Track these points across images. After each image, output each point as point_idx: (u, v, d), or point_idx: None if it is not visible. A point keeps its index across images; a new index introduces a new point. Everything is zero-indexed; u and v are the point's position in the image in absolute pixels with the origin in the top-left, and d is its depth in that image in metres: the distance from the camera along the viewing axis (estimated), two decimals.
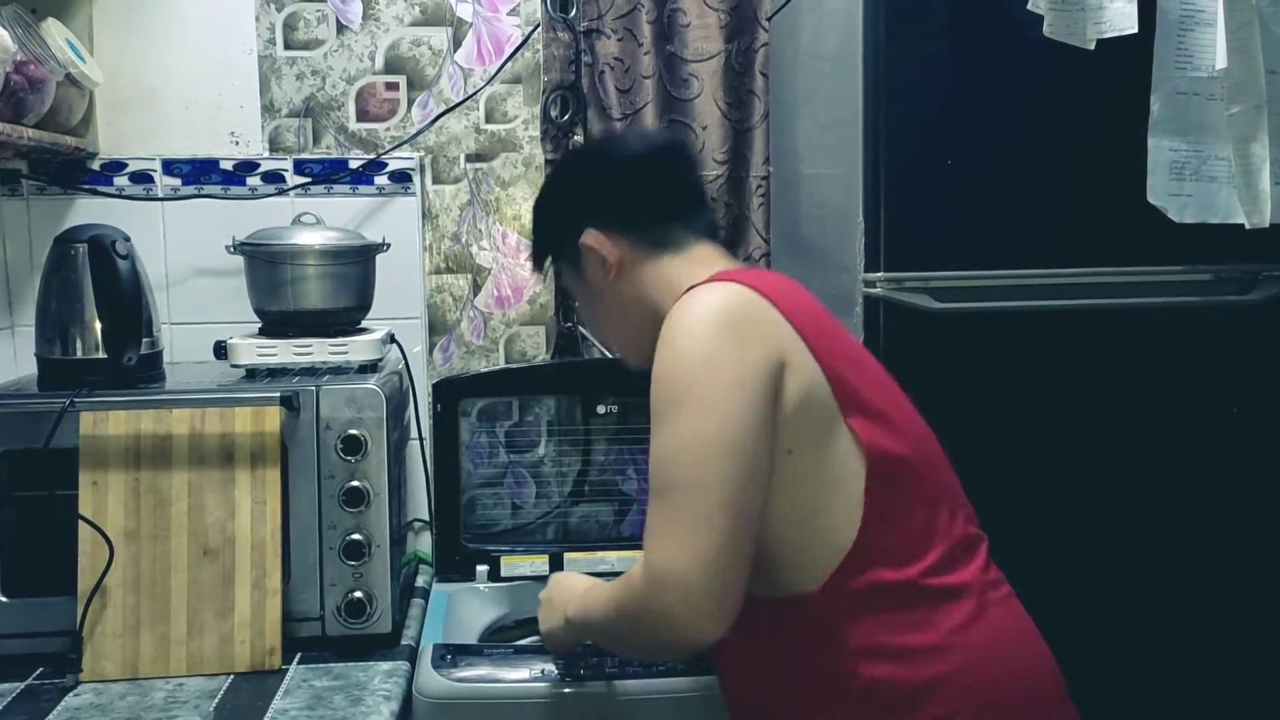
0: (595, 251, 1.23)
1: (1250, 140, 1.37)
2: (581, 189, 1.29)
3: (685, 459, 1.04)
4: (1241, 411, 1.46)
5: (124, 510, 1.43)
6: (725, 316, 1.09)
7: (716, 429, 1.03)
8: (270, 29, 1.90)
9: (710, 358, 1.06)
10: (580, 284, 1.29)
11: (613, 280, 1.23)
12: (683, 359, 1.07)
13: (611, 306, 1.27)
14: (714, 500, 1.02)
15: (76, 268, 1.55)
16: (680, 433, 1.05)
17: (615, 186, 1.26)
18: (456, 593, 1.74)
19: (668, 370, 1.08)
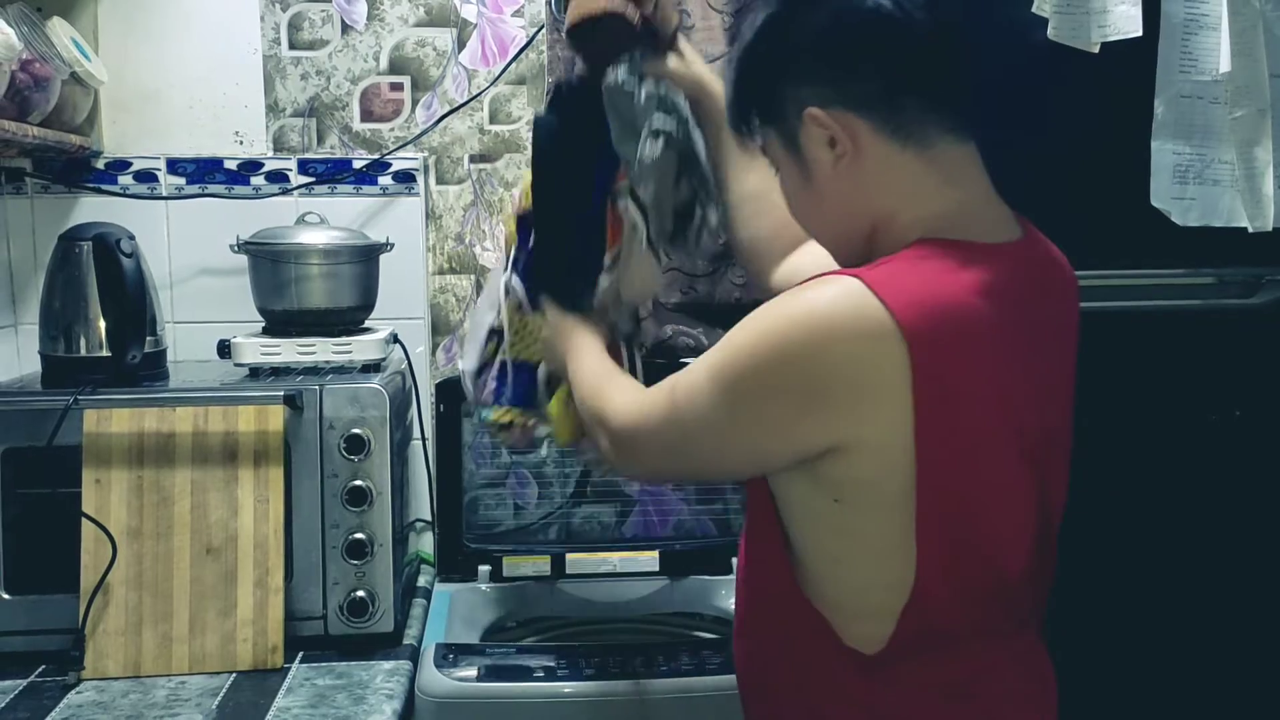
0: (825, 129, 0.98)
1: (1254, 144, 1.38)
2: (813, 46, 0.99)
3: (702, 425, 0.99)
4: (1244, 414, 1.46)
5: (127, 508, 1.43)
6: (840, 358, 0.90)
7: (737, 434, 0.97)
8: (275, 29, 1.90)
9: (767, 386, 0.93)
10: (788, 158, 1.03)
11: (840, 167, 0.99)
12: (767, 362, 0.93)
13: (826, 197, 1.02)
14: (695, 449, 1.02)
15: (81, 266, 1.55)
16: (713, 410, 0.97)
17: (861, 47, 0.97)
18: (458, 593, 1.75)
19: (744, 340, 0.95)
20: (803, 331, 0.90)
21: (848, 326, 0.89)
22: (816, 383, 0.90)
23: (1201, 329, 1.44)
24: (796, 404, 0.92)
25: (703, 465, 1.07)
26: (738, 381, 0.95)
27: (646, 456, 1.09)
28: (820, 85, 0.97)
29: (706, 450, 1.01)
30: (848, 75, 0.97)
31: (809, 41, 0.98)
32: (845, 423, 0.91)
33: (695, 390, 0.99)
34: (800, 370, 0.91)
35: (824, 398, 0.91)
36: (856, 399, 0.90)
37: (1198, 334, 1.45)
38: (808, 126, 0.98)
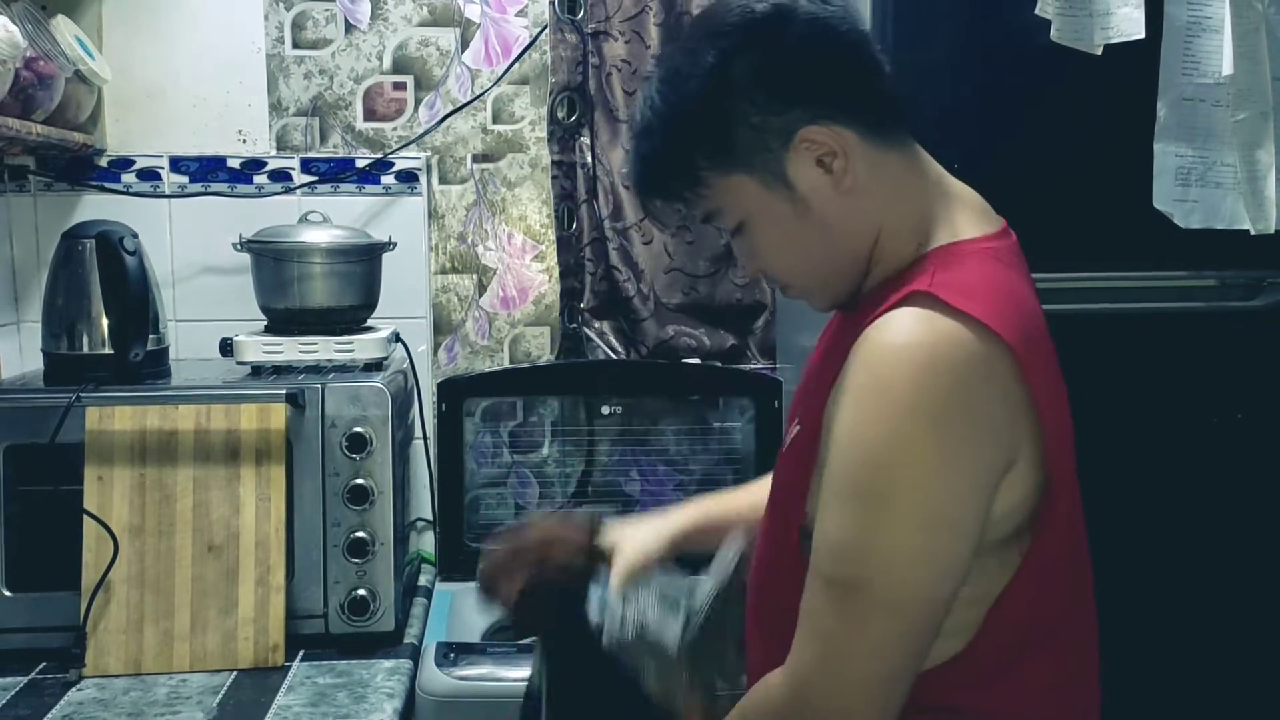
0: (819, 149, 0.91)
1: (1256, 146, 1.38)
2: (789, 68, 0.91)
3: (888, 569, 0.84)
4: (1246, 417, 1.46)
5: (129, 506, 1.43)
6: (966, 390, 0.83)
7: (935, 544, 0.84)
8: (279, 28, 1.91)
9: (942, 446, 0.83)
10: (765, 202, 0.93)
11: (836, 189, 0.92)
12: (904, 435, 0.83)
13: (822, 228, 0.93)
14: (908, 625, 0.85)
15: (84, 264, 1.55)
16: (885, 533, 0.84)
17: (838, 61, 0.93)
18: (459, 592, 1.74)
19: (879, 441, 0.84)
20: (947, 374, 0.83)
21: (978, 351, 0.84)
22: (987, 399, 0.84)
23: (1203, 331, 1.44)
24: (982, 434, 0.84)
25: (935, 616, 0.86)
26: (916, 474, 0.83)
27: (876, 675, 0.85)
28: (803, 105, 0.90)
29: (934, 595, 0.85)
30: (829, 89, 0.92)
31: (778, 65, 0.91)
32: (1013, 428, 0.86)
33: (870, 547, 0.84)
34: (968, 404, 0.84)
35: (997, 408, 0.85)
36: (1015, 403, 0.86)
37: (1199, 336, 1.45)
38: (797, 152, 0.91)
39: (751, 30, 0.92)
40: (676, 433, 1.93)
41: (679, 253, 1.95)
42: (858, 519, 0.85)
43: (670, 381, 1.93)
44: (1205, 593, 1.47)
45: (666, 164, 0.96)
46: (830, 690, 0.86)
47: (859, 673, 0.85)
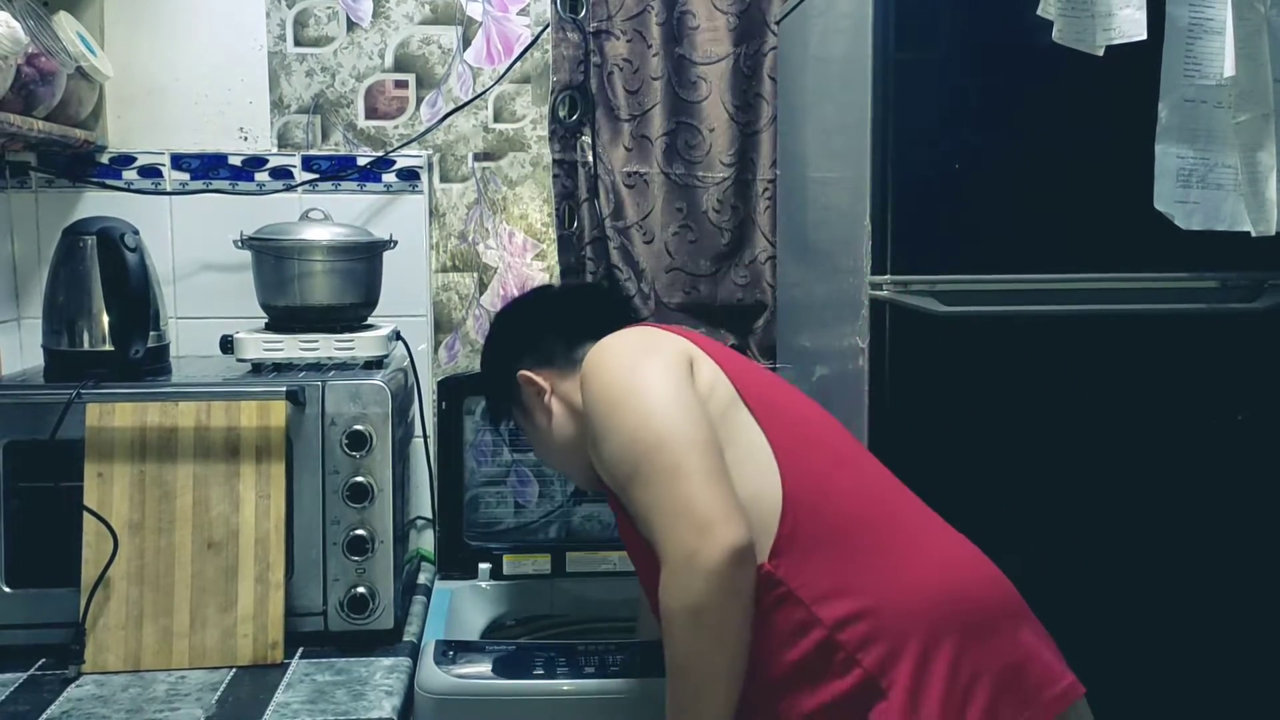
0: (532, 384, 1.38)
1: (1257, 148, 1.38)
2: (510, 337, 1.46)
3: (644, 430, 1.13)
4: (1247, 419, 1.46)
5: (129, 502, 1.43)
6: (637, 336, 1.28)
7: (657, 401, 1.15)
8: (280, 25, 1.91)
9: (635, 361, 1.21)
10: (527, 419, 1.43)
11: (545, 405, 1.37)
12: (612, 370, 1.21)
13: (551, 433, 1.38)
14: (685, 445, 1.11)
15: (85, 260, 1.55)
16: (626, 425, 1.15)
17: (534, 328, 1.43)
18: (459, 590, 1.75)
19: (601, 386, 1.21)
20: (618, 337, 1.29)
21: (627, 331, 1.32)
22: (651, 335, 1.29)
23: (1204, 333, 1.44)
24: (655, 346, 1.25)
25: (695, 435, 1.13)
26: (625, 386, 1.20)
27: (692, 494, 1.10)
28: (518, 358, 1.40)
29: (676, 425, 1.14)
30: (526, 348, 1.40)
31: (506, 337, 1.46)
32: (681, 342, 1.27)
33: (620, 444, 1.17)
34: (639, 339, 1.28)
35: (659, 337, 1.28)
36: (671, 337, 1.29)
37: (1200, 338, 1.44)
38: (522, 387, 1.39)
39: (500, 314, 1.53)
40: None
41: (680, 252, 1.95)
42: (614, 427, 1.17)
43: None
44: (1205, 594, 1.47)
45: (489, 402, 1.57)
46: (687, 525, 1.07)
47: (688, 494, 1.08)
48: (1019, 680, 1.10)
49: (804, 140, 1.76)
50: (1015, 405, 1.44)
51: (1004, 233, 1.42)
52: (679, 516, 1.08)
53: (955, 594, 1.13)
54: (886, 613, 1.10)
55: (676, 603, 1.08)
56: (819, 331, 1.66)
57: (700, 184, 1.95)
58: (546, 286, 1.85)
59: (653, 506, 1.11)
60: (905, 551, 1.16)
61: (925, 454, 1.36)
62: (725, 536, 1.05)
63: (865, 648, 1.08)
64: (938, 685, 1.06)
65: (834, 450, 1.25)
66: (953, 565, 1.17)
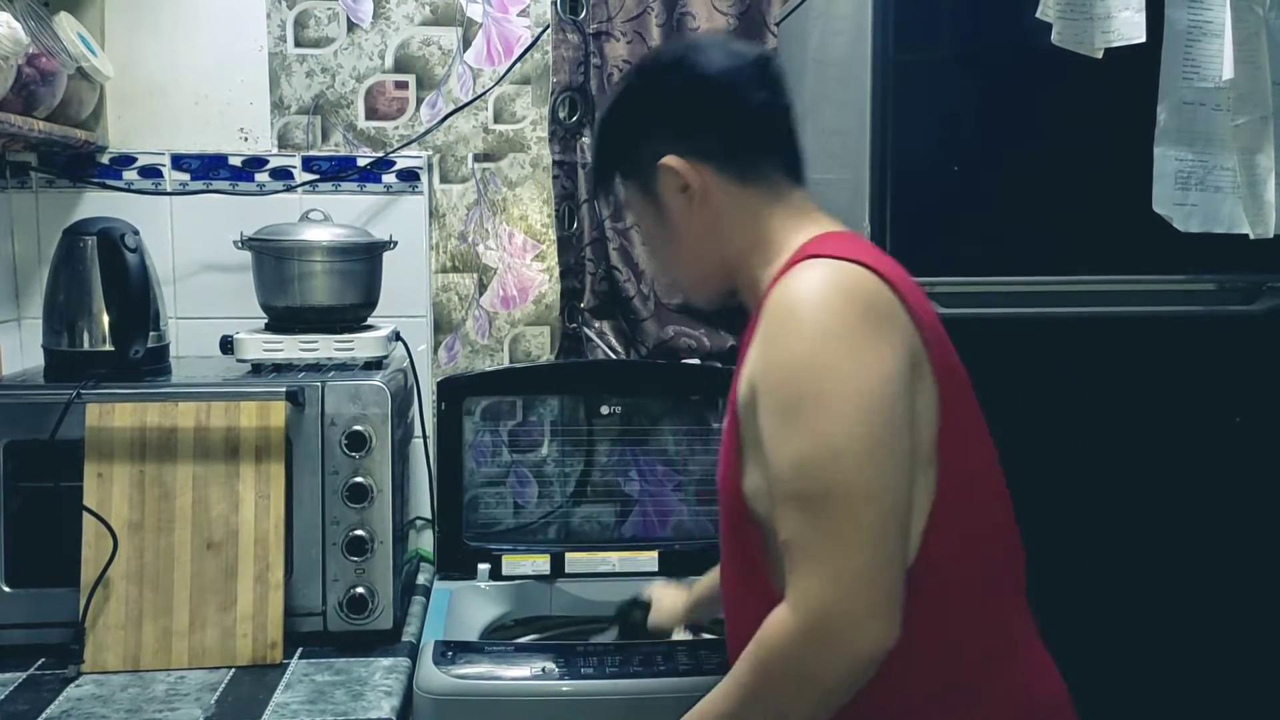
0: (677, 175, 1.11)
1: (1256, 151, 1.38)
2: (665, 107, 1.14)
3: (844, 462, 0.92)
4: (1244, 421, 1.46)
5: (128, 502, 1.43)
6: (864, 304, 0.97)
7: (882, 431, 0.93)
8: (281, 26, 1.91)
9: (856, 345, 0.95)
10: (648, 207, 1.16)
11: (694, 209, 1.11)
12: (821, 345, 0.95)
13: (684, 238, 1.14)
14: (883, 507, 0.92)
15: (85, 260, 1.55)
16: (830, 431, 0.92)
17: (704, 107, 1.12)
18: (458, 591, 1.75)
19: (801, 357, 0.95)
20: (839, 292, 0.98)
21: (865, 277, 0.99)
22: (881, 313, 0.98)
23: (1202, 335, 1.44)
24: (884, 335, 0.97)
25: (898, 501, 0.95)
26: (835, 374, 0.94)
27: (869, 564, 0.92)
28: (670, 140, 1.11)
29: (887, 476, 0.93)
30: (692, 131, 1.11)
31: (660, 104, 1.15)
32: (911, 339, 0.99)
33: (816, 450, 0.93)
34: (865, 313, 0.97)
35: (889, 321, 0.98)
36: (905, 323, 1.00)
37: (1198, 340, 1.45)
38: (663, 174, 1.11)
39: (648, 74, 1.20)
40: (676, 433, 1.93)
41: None
42: (803, 429, 0.94)
43: (670, 381, 1.93)
44: (1203, 597, 1.47)
45: (596, 165, 1.25)
46: (840, 596, 0.91)
47: (857, 567, 0.91)
48: None
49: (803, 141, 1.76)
50: (1014, 407, 1.43)
51: (1003, 235, 1.42)
52: (840, 586, 0.91)
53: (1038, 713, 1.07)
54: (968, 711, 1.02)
55: (791, 668, 0.95)
56: None
57: None
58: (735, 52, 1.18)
59: (811, 548, 0.93)
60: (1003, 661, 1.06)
61: None
62: (881, 635, 0.91)
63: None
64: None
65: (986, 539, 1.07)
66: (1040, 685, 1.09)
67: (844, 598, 0.91)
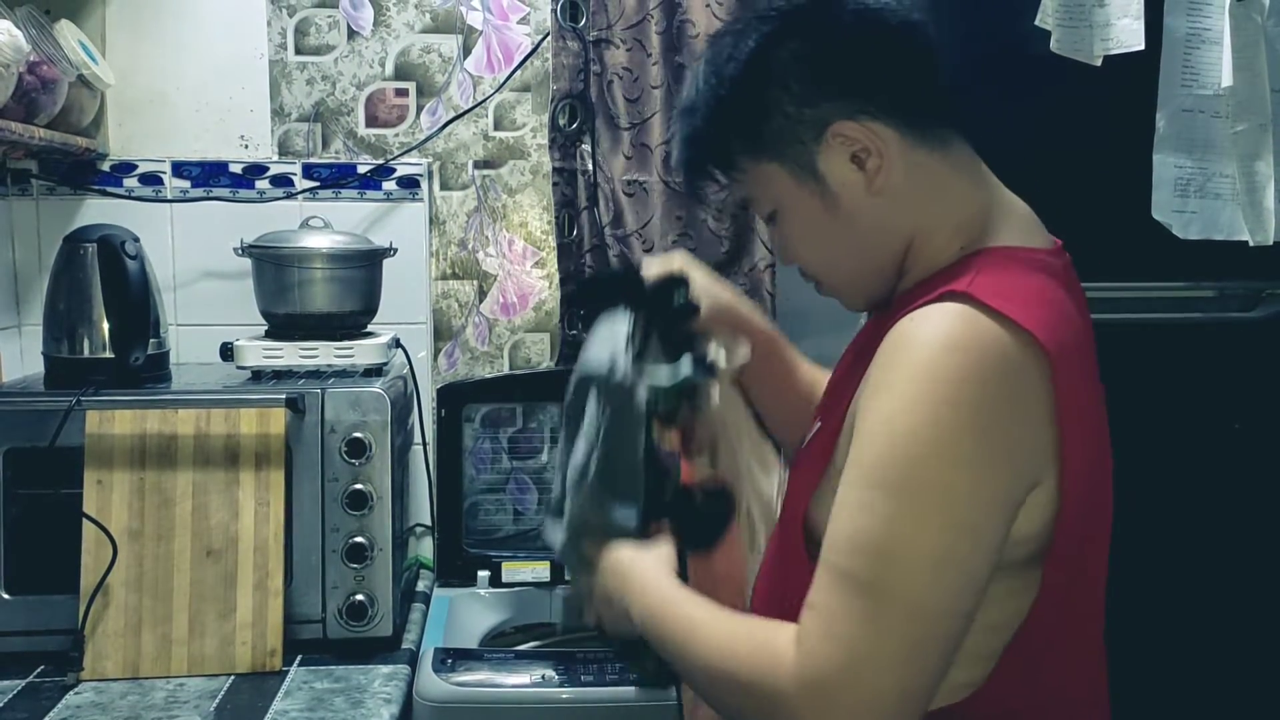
0: (853, 145, 0.89)
1: (1255, 158, 1.38)
2: (830, 56, 0.91)
3: (912, 570, 0.79)
4: (1243, 428, 1.46)
5: (128, 509, 1.43)
6: (1002, 391, 0.81)
7: (961, 548, 0.80)
8: (281, 34, 1.91)
9: (975, 446, 0.80)
10: (806, 191, 0.92)
11: (873, 186, 0.90)
12: (930, 423, 0.79)
13: (854, 227, 0.92)
14: (930, 631, 0.80)
15: (85, 267, 1.56)
16: (910, 530, 0.79)
17: (880, 52, 0.91)
18: (457, 597, 1.75)
19: (904, 428, 0.80)
20: (986, 368, 0.80)
21: (1015, 352, 0.80)
22: (1022, 401, 0.81)
23: (1201, 342, 1.45)
24: (1014, 437, 0.81)
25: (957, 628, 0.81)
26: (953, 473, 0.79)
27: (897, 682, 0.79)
28: (840, 99, 0.89)
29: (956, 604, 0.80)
30: (869, 84, 0.89)
31: (817, 55, 0.90)
32: (1041, 442, 0.83)
33: (896, 542, 0.79)
34: (1006, 403, 0.81)
35: (1028, 412, 0.82)
36: (1043, 418, 0.82)
37: (1198, 347, 1.45)
38: (829, 147, 0.89)
39: (795, 17, 0.91)
40: None
41: None
42: (880, 510, 0.80)
43: None
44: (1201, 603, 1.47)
45: (703, 145, 0.96)
46: (851, 697, 0.79)
47: (881, 684, 0.79)
48: None
49: None
50: None
51: None
52: (856, 663, 0.78)
53: None
54: None
55: (761, 695, 0.83)
56: (819, 340, 1.67)
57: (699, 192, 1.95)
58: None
59: (836, 629, 0.80)
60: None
61: None
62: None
63: None
64: None
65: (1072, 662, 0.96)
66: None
67: (850, 705, 0.79)
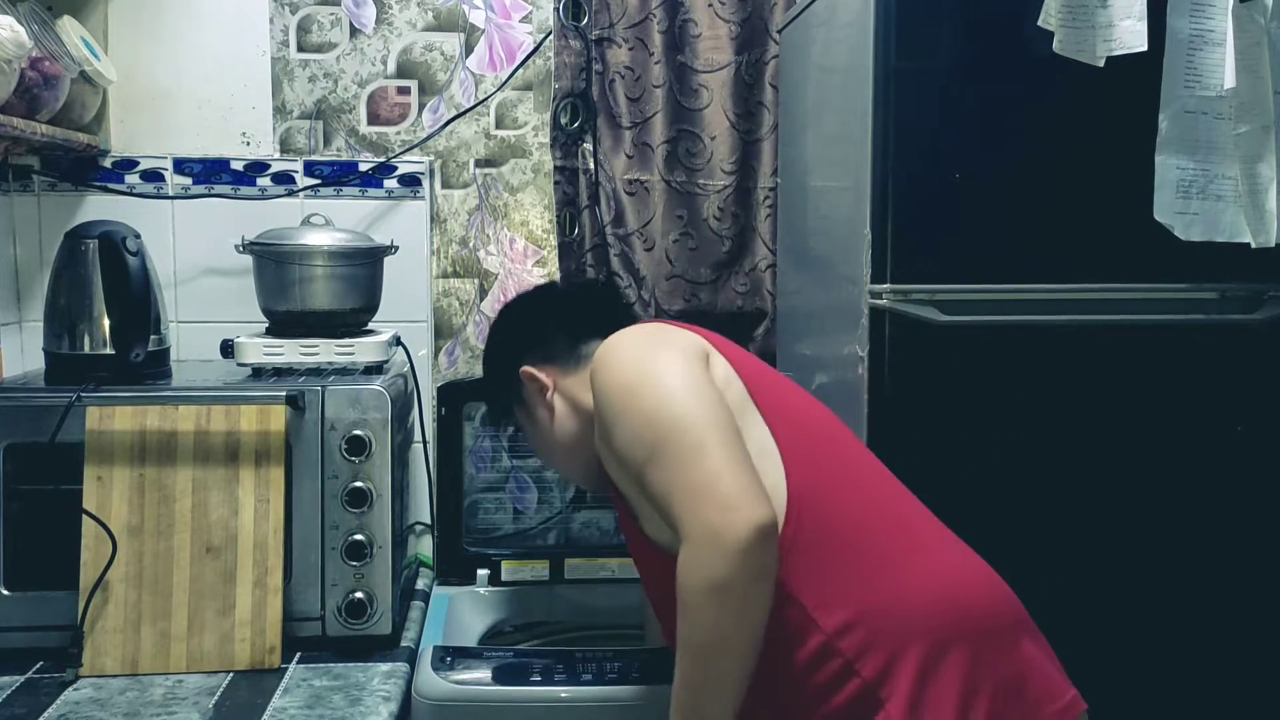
0: (536, 381, 1.38)
1: (1257, 160, 1.38)
2: (514, 333, 1.46)
3: (660, 419, 1.11)
4: (1245, 430, 1.46)
5: (128, 506, 1.43)
6: (651, 330, 1.28)
7: (676, 384, 1.13)
8: (284, 31, 1.91)
9: (651, 351, 1.19)
10: (529, 417, 1.42)
11: (551, 401, 1.37)
12: (626, 358, 1.19)
13: (554, 433, 1.38)
14: (711, 424, 1.09)
15: (86, 264, 1.56)
16: (644, 407, 1.13)
17: (537, 324, 1.43)
18: (457, 596, 1.75)
19: (615, 374, 1.18)
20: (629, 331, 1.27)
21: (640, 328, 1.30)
22: (663, 328, 1.28)
23: (1203, 344, 1.44)
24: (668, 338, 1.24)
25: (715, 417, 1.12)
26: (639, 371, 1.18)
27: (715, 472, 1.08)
28: (523, 354, 1.39)
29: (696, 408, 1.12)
30: (537, 344, 1.39)
31: (510, 331, 1.47)
32: (694, 337, 1.25)
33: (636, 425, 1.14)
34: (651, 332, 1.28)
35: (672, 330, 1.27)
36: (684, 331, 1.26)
37: (1199, 349, 1.44)
38: (525, 383, 1.39)
39: (504, 310, 1.53)
40: None
41: (680, 260, 1.95)
42: (627, 409, 1.15)
43: None
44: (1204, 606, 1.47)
45: (490, 401, 1.63)
46: (706, 501, 1.05)
47: (709, 473, 1.06)
48: (1020, 694, 1.10)
49: (805, 149, 1.76)
50: (1015, 415, 1.44)
51: (1004, 242, 1.42)
52: (703, 493, 1.05)
53: (958, 604, 1.13)
54: (886, 621, 1.09)
55: (699, 580, 1.05)
56: (819, 340, 1.67)
57: (701, 192, 1.95)
58: (551, 284, 1.85)
59: (674, 485, 1.08)
60: (909, 561, 1.15)
61: (925, 463, 1.35)
62: (753, 513, 1.03)
63: (863, 657, 1.08)
64: (936, 696, 1.06)
65: (843, 455, 1.25)
66: (956, 575, 1.16)
67: (711, 500, 1.04)
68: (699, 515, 1.05)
